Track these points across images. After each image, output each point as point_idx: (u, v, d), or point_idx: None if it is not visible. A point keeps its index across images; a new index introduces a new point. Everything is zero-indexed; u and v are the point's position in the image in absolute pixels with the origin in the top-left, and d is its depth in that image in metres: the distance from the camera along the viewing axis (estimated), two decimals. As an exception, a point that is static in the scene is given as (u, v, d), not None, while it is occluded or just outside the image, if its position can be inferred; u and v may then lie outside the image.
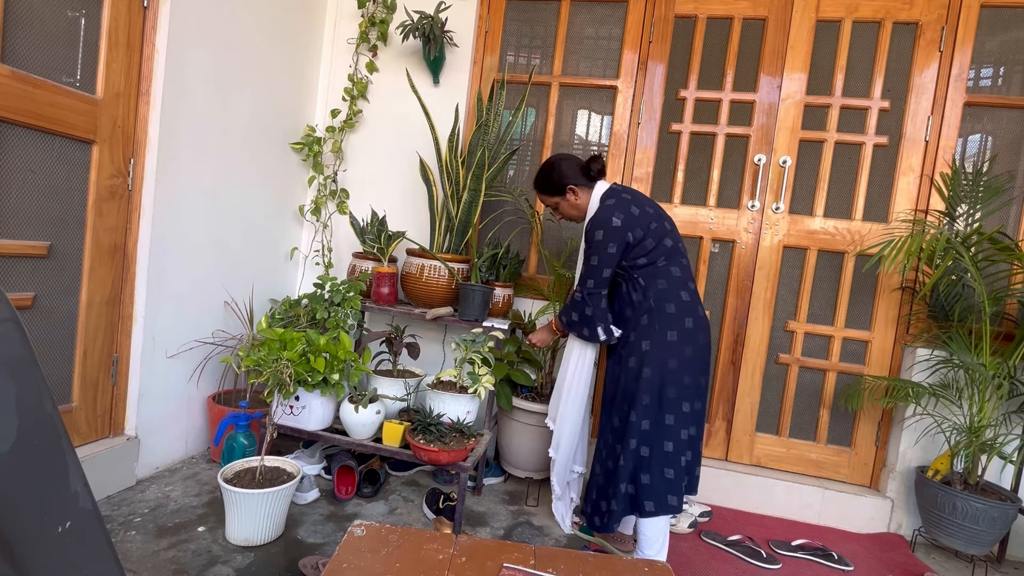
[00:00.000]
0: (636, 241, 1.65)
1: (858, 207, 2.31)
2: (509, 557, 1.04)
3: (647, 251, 1.66)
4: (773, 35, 2.35)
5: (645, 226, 1.66)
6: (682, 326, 1.62)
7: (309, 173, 2.68)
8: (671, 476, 1.59)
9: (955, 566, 2.03)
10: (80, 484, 0.66)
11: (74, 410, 1.73)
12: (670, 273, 1.66)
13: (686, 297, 1.64)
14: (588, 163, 1.78)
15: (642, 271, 1.67)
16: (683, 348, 1.62)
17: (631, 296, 1.69)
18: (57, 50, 1.57)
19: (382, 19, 2.56)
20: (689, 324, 1.62)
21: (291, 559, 1.58)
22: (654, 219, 1.68)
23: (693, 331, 1.63)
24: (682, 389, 1.61)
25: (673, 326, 1.62)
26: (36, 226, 1.57)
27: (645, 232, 1.65)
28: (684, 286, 1.66)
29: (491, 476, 2.31)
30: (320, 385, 1.83)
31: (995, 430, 1.97)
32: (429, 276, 2.21)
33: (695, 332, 1.63)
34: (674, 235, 1.71)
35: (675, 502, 1.60)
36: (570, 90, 2.58)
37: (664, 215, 1.73)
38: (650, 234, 1.66)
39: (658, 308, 1.63)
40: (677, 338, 1.61)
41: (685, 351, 1.61)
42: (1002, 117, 2.21)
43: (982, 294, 1.92)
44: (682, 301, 1.64)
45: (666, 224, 1.70)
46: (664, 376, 1.61)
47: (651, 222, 1.67)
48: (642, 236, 1.65)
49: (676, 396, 1.61)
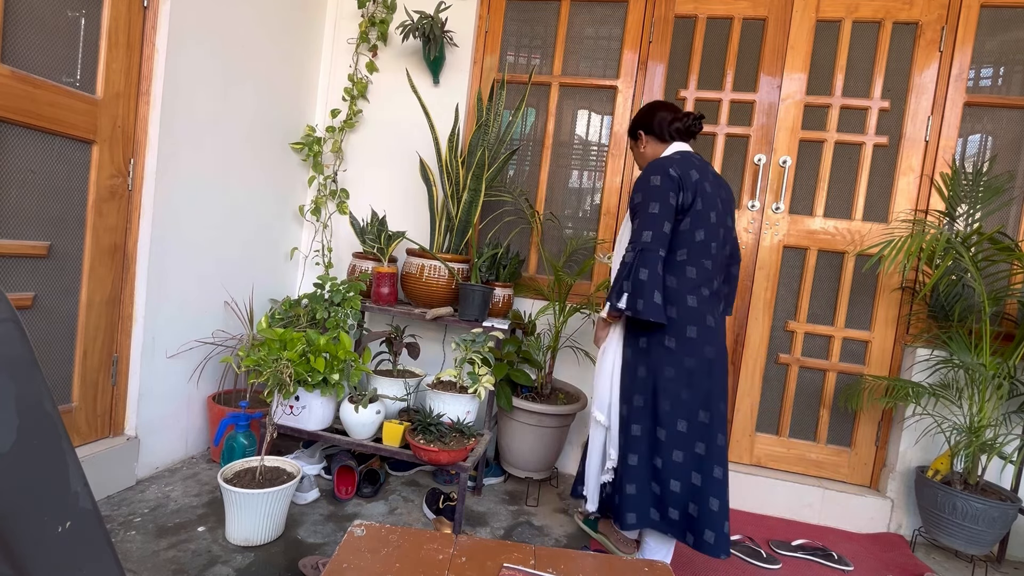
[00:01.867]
0: (683, 204, 1.45)
1: (858, 207, 2.31)
2: (509, 557, 1.04)
3: (677, 231, 1.47)
4: (773, 35, 2.35)
5: (695, 195, 1.45)
6: (683, 335, 1.47)
7: (309, 173, 2.68)
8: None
9: (955, 566, 2.03)
10: (80, 484, 0.66)
11: (74, 410, 1.73)
12: (684, 273, 1.48)
13: (692, 303, 1.47)
14: (674, 119, 1.58)
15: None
16: (682, 359, 1.47)
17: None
18: (57, 50, 1.57)
19: (382, 19, 2.56)
20: (692, 334, 1.46)
21: (291, 559, 1.58)
22: (706, 200, 1.47)
23: (697, 341, 1.46)
24: (678, 404, 1.47)
25: (673, 333, 1.47)
26: (36, 226, 1.57)
27: (691, 202, 1.45)
28: (695, 291, 1.48)
29: (491, 476, 2.31)
30: (320, 385, 1.83)
31: (995, 430, 1.97)
32: (429, 276, 2.21)
33: (699, 343, 1.46)
34: (712, 230, 1.49)
35: (656, 516, 1.49)
36: (570, 90, 2.58)
37: (717, 204, 1.50)
38: (690, 211, 1.45)
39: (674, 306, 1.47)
40: (675, 346, 1.47)
41: (685, 362, 1.47)
42: (1002, 117, 2.21)
43: (982, 294, 1.92)
44: (687, 307, 1.47)
45: (712, 214, 1.48)
46: (659, 384, 1.48)
47: (699, 199, 1.45)
48: (688, 203, 1.44)
49: (671, 410, 1.47)
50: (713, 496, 1.44)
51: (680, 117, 1.58)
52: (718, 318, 1.52)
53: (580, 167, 2.60)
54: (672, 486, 1.48)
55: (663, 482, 1.48)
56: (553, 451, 2.31)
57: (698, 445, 1.48)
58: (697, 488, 1.46)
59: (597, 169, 2.58)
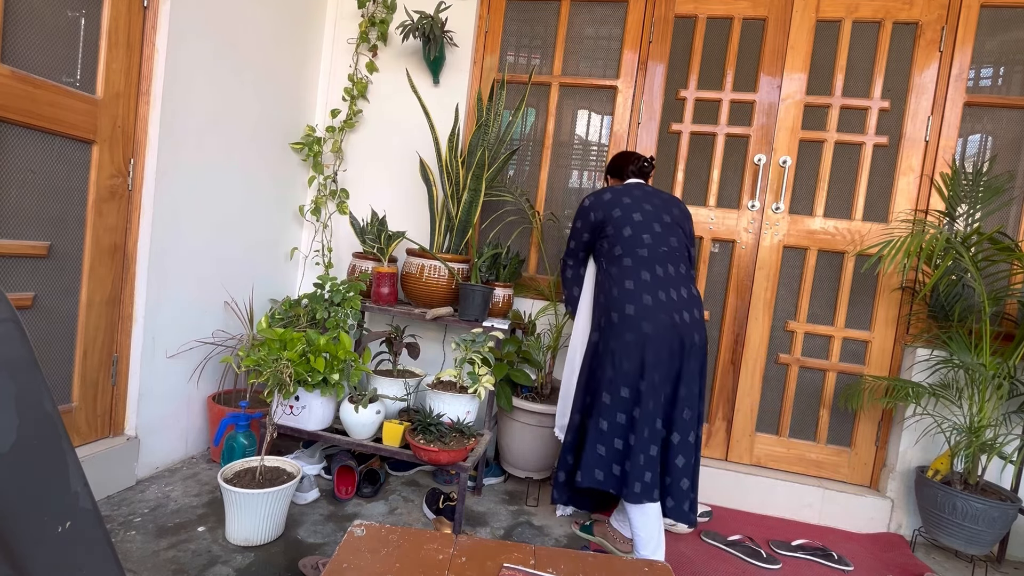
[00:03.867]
0: (597, 222, 1.81)
1: (858, 207, 2.31)
2: (509, 557, 1.04)
3: (607, 236, 1.78)
4: (773, 35, 2.35)
5: (608, 212, 1.79)
6: (622, 312, 1.67)
7: (309, 173, 2.68)
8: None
9: (955, 566, 2.03)
10: (80, 484, 0.66)
11: (74, 410, 1.73)
12: (622, 263, 1.73)
13: (630, 286, 1.69)
14: (630, 163, 1.93)
15: (604, 255, 1.79)
16: (623, 333, 1.66)
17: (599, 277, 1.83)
18: (57, 50, 1.57)
19: (382, 19, 2.56)
20: (630, 311, 1.66)
21: (291, 559, 1.58)
22: (625, 208, 1.77)
23: (633, 318, 1.66)
24: (620, 374, 1.65)
25: (616, 309, 1.69)
26: (36, 226, 1.57)
27: (605, 217, 1.79)
28: (634, 276, 1.70)
29: (491, 476, 2.31)
30: (320, 385, 1.83)
31: (995, 430, 1.97)
32: (429, 276, 2.21)
33: (635, 319, 1.66)
34: (639, 227, 1.74)
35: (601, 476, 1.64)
36: (570, 90, 2.58)
37: (644, 208, 1.78)
38: (610, 221, 1.77)
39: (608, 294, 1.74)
40: (618, 321, 1.67)
41: (625, 336, 1.66)
42: (1002, 117, 2.21)
43: (982, 294, 1.92)
44: (625, 289, 1.69)
45: (635, 216, 1.76)
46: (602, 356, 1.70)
47: (614, 209, 1.78)
48: (602, 219, 1.79)
49: (612, 377, 1.65)
50: (642, 453, 1.62)
51: (634, 161, 1.94)
52: (666, 298, 1.68)
53: (580, 167, 2.60)
54: (616, 444, 1.65)
55: (607, 442, 1.65)
56: (553, 451, 2.31)
57: (635, 410, 1.63)
58: (630, 448, 1.63)
59: (597, 169, 2.58)
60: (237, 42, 2.14)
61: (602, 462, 1.64)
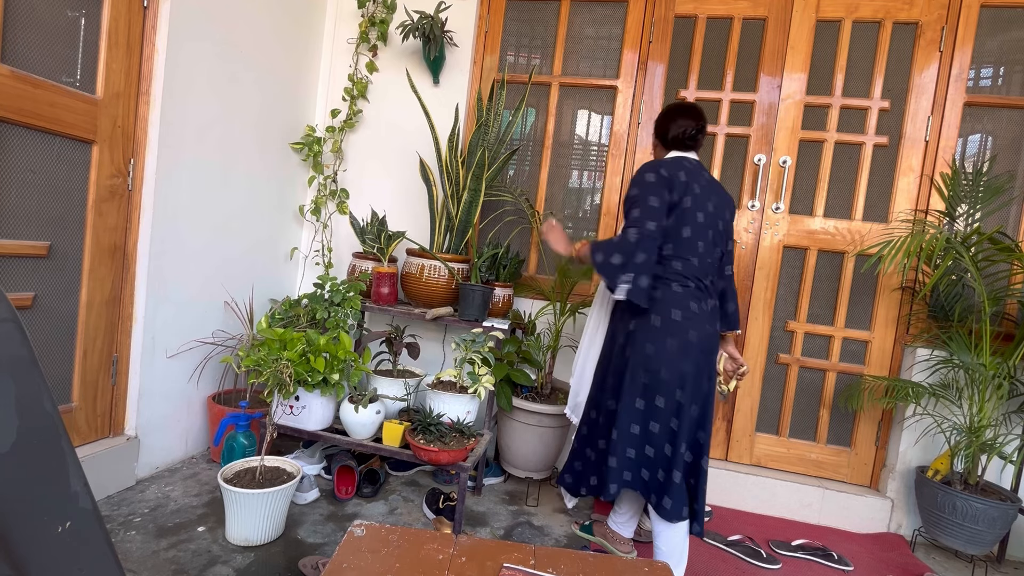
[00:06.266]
0: (672, 203, 1.54)
1: (858, 207, 2.31)
2: (509, 557, 1.04)
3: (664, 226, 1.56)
4: (773, 35, 2.35)
5: (681, 197, 1.55)
6: (668, 316, 1.54)
7: (309, 173, 2.68)
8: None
9: (955, 566, 2.03)
10: (80, 484, 0.66)
11: (74, 410, 1.73)
12: (671, 264, 1.56)
13: (677, 289, 1.55)
14: (683, 133, 1.68)
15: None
16: (664, 338, 1.53)
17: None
18: (57, 50, 1.57)
19: (382, 19, 2.55)
20: (676, 316, 1.53)
21: (291, 559, 1.58)
22: (694, 201, 1.56)
23: (681, 324, 1.53)
24: (657, 381, 1.53)
25: (660, 312, 1.55)
26: (36, 226, 1.57)
27: (680, 201, 1.54)
28: (681, 280, 1.56)
29: (491, 476, 2.31)
30: (320, 385, 1.83)
31: (995, 430, 1.97)
32: (429, 276, 2.21)
33: (684, 326, 1.53)
34: (699, 230, 1.56)
35: (596, 482, 1.62)
36: (570, 90, 2.58)
37: (707, 209, 1.58)
38: (676, 210, 1.55)
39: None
40: (661, 325, 1.53)
41: (667, 342, 1.53)
42: (1002, 117, 2.21)
43: (982, 294, 1.92)
44: (673, 292, 1.55)
45: (699, 215, 1.56)
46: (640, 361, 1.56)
47: (685, 198, 1.54)
48: (674, 203, 1.54)
49: (649, 383, 1.53)
50: (676, 470, 1.53)
51: (688, 120, 1.70)
52: (705, 309, 1.59)
53: (580, 167, 2.60)
54: (647, 452, 1.57)
55: (639, 448, 1.58)
56: (553, 451, 2.31)
57: (672, 422, 1.55)
58: (667, 458, 1.55)
59: (597, 169, 2.58)
60: (237, 42, 2.14)
61: (631, 464, 1.57)
